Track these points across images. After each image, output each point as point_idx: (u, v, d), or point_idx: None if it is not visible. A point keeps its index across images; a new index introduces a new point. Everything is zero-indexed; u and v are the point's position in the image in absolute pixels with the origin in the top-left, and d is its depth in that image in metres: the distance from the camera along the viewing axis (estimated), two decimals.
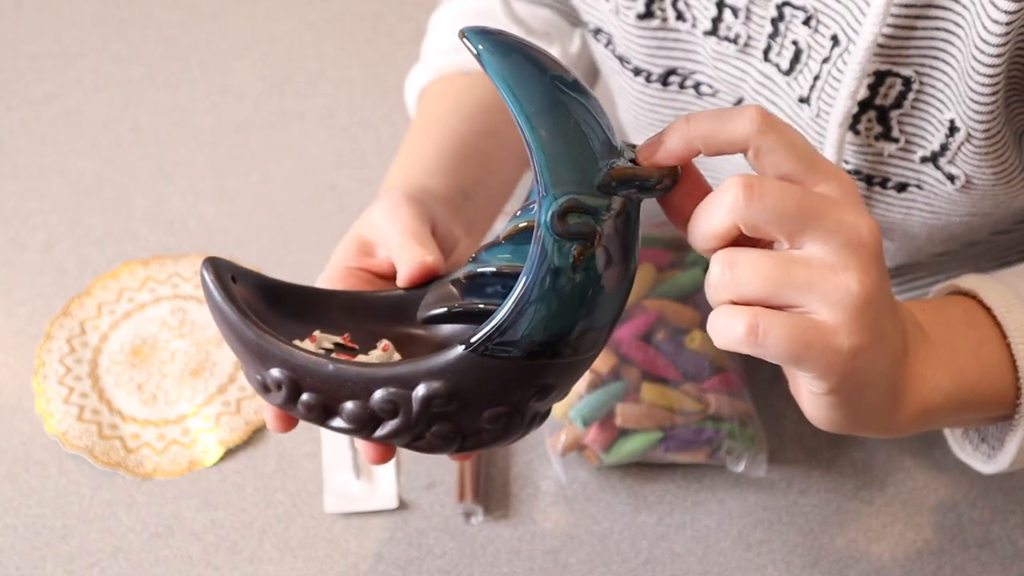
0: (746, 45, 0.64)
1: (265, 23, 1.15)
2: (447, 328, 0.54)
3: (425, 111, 0.79)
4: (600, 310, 0.48)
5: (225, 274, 0.51)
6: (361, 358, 0.52)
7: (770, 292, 0.45)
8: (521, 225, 0.51)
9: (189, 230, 0.94)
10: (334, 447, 0.79)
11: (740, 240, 0.47)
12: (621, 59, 0.70)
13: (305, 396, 0.49)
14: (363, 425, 0.49)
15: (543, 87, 0.45)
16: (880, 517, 0.76)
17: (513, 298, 0.46)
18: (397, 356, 0.52)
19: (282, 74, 1.10)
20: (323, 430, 0.80)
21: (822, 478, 0.78)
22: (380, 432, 0.50)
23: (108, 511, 0.76)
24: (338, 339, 0.53)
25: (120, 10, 1.16)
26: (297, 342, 0.51)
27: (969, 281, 0.58)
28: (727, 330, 0.46)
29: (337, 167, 1.00)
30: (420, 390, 0.48)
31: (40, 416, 0.81)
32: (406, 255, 0.56)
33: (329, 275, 0.58)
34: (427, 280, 0.55)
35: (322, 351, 0.51)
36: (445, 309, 0.53)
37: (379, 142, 1.03)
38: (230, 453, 0.80)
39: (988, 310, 0.57)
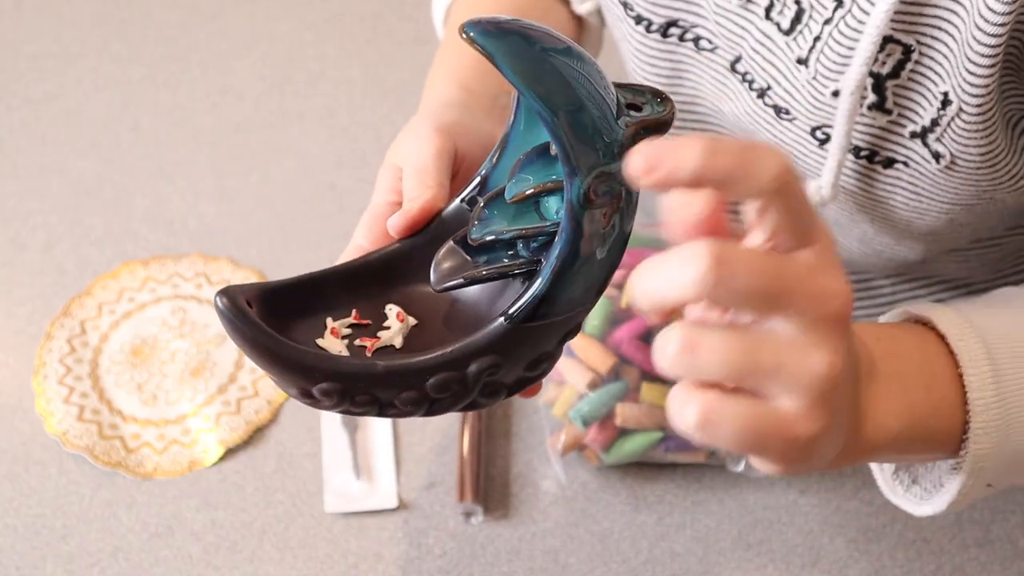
0: (748, 0, 0.63)
1: (265, 23, 1.15)
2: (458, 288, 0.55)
3: (458, 23, 0.78)
4: (620, 253, 0.50)
5: (241, 302, 0.49)
6: (383, 335, 0.52)
7: (733, 378, 0.42)
8: (528, 192, 0.51)
9: (189, 230, 0.94)
10: (334, 447, 0.79)
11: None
12: (624, 5, 0.70)
13: (358, 397, 0.50)
14: (418, 408, 0.51)
15: (555, 68, 0.45)
16: (880, 517, 0.76)
17: (549, 270, 0.48)
18: (413, 321, 0.53)
19: (282, 74, 1.10)
20: (323, 430, 0.80)
21: (822, 478, 0.78)
22: (435, 409, 0.51)
23: (108, 511, 0.76)
24: (349, 319, 0.53)
25: (120, 10, 1.16)
26: (320, 341, 0.51)
27: (924, 308, 0.56)
28: (678, 416, 0.42)
29: (337, 167, 1.00)
30: (472, 368, 0.49)
31: (40, 416, 0.81)
32: (406, 200, 0.56)
33: (374, 212, 0.57)
34: (419, 228, 0.55)
35: (346, 342, 0.51)
36: (463, 280, 0.53)
37: (379, 142, 1.03)
38: (230, 453, 0.80)
39: (942, 338, 0.54)
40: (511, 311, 0.49)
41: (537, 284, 0.49)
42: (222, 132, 1.04)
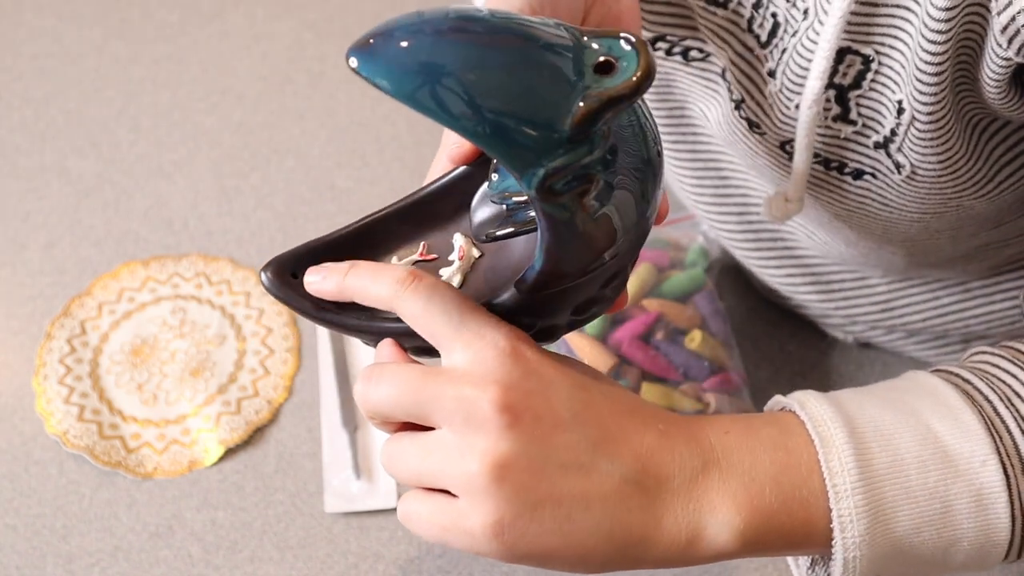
0: (734, 12, 0.63)
1: (265, 23, 1.15)
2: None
3: None
4: (634, 206, 0.47)
5: (286, 275, 0.51)
6: (444, 273, 0.52)
7: (416, 482, 0.49)
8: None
9: (189, 230, 0.94)
10: (334, 447, 0.79)
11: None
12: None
13: (407, 346, 0.51)
14: None
15: (462, 79, 0.40)
16: None
17: (542, 251, 0.46)
18: (476, 254, 0.52)
19: (282, 74, 1.10)
20: (323, 430, 0.80)
21: None
22: None
23: (108, 511, 0.77)
24: (415, 256, 0.53)
25: (120, 10, 1.16)
26: None
27: (794, 396, 0.54)
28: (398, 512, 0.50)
29: (337, 167, 1.00)
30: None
31: (41, 416, 0.81)
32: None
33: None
34: (477, 156, 0.53)
35: None
36: (496, 235, 0.52)
37: (379, 142, 1.03)
38: (230, 453, 0.80)
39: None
40: (519, 284, 0.48)
41: (535, 262, 0.47)
42: (222, 132, 1.04)
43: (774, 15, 0.61)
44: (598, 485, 0.48)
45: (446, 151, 0.53)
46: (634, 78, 0.41)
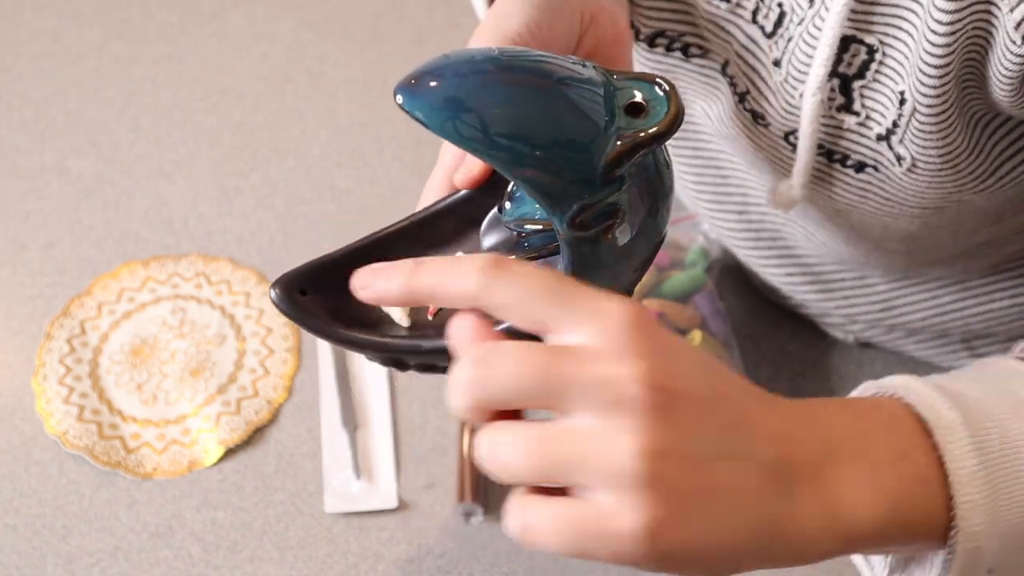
0: (737, 5, 0.63)
1: (265, 23, 1.15)
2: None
3: None
4: (650, 233, 0.48)
5: (294, 293, 0.51)
6: None
7: (538, 477, 0.40)
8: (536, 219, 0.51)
9: (189, 230, 0.94)
10: (334, 447, 0.79)
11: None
12: None
13: (412, 362, 0.50)
14: None
15: (507, 119, 0.42)
16: None
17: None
18: None
19: (282, 74, 1.10)
20: (323, 430, 0.80)
21: None
22: None
23: (108, 511, 0.76)
24: None
25: (120, 10, 1.16)
26: (385, 308, 0.52)
27: (893, 380, 0.51)
28: (507, 526, 0.41)
29: (337, 167, 1.00)
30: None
31: (40, 416, 0.81)
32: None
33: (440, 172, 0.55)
34: (483, 181, 0.53)
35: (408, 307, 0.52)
36: (521, 255, 0.52)
37: (379, 142, 1.03)
38: (230, 453, 0.80)
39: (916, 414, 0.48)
40: None
41: None
42: (222, 132, 1.03)
43: (780, 4, 0.61)
44: (742, 474, 0.42)
45: (445, 171, 0.52)
46: (666, 120, 0.44)
